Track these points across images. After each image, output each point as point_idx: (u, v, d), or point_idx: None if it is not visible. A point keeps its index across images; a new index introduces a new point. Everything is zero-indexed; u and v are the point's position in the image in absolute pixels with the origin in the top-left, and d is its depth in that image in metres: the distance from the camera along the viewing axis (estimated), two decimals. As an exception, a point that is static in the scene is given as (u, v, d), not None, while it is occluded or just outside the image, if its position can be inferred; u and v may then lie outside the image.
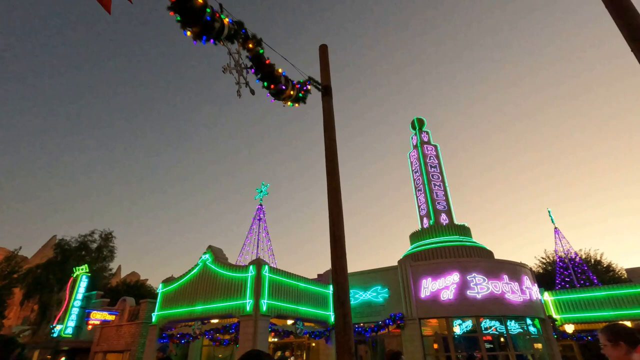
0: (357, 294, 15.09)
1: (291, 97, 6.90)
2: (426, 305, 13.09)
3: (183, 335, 13.82)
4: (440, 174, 18.09)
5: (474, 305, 12.54)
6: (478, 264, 13.29)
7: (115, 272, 41.61)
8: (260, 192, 21.47)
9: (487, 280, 12.70)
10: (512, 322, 12.72)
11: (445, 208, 16.99)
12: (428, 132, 19.91)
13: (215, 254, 13.63)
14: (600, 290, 15.76)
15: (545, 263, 27.79)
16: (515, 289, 12.83)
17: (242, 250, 20.19)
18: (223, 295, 12.46)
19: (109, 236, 30.67)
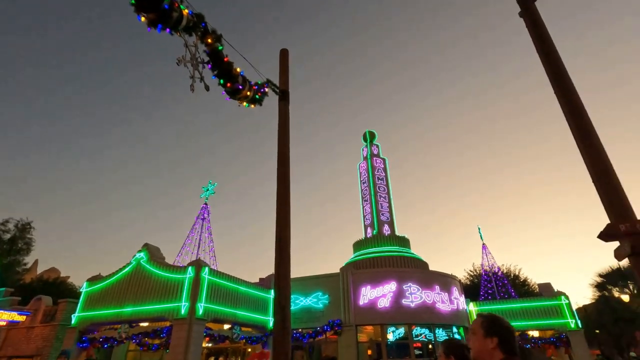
0: (298, 299, 15.12)
1: (247, 98, 6.83)
2: (364, 313, 13.51)
3: (107, 339, 12.75)
4: (386, 187, 18.92)
5: (407, 314, 13.21)
6: (414, 274, 14.06)
7: (31, 267, 37.14)
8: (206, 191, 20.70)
9: (421, 290, 13.49)
10: (440, 330, 13.62)
11: (389, 219, 17.78)
12: (378, 146, 20.75)
13: (152, 253, 12.85)
14: (516, 303, 17.52)
15: (473, 276, 30.18)
16: (445, 299, 13.77)
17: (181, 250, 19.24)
18: (156, 297, 11.75)
19: (27, 227, 27.43)
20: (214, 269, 13.39)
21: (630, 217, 4.63)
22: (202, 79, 5.90)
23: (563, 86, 5.88)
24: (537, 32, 6.56)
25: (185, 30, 5.63)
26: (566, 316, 16.48)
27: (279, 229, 6.49)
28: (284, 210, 6.70)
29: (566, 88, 5.80)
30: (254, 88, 6.89)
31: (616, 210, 4.72)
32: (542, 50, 6.40)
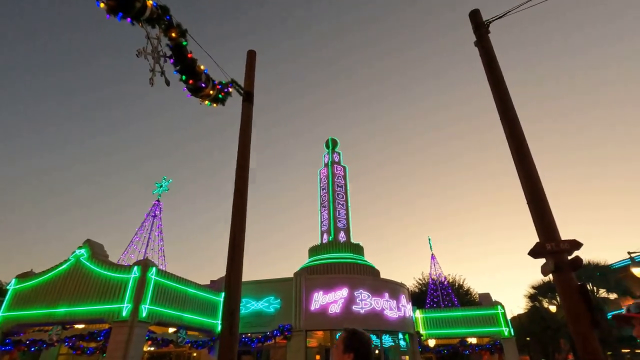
0: (249, 303, 14.89)
1: (210, 97, 6.71)
2: (314, 318, 13.62)
3: (35, 342, 11.69)
4: (345, 194, 19.31)
5: (357, 320, 13.51)
6: (365, 281, 14.43)
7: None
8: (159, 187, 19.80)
9: (372, 297, 13.88)
10: (387, 336, 14.08)
11: (345, 226, 18.13)
12: (340, 153, 21.13)
13: (93, 250, 12.03)
14: (458, 311, 18.59)
15: (421, 284, 31.50)
16: (393, 306, 14.27)
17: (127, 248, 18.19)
18: (96, 297, 11.01)
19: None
20: (162, 269, 12.82)
21: (556, 238, 5.13)
22: (163, 73, 5.72)
23: (507, 114, 6.41)
24: (489, 61, 7.11)
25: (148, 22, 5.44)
26: (501, 324, 17.76)
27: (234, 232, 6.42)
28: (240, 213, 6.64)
29: (510, 116, 6.33)
30: (217, 87, 6.78)
31: (545, 230, 5.22)
32: (491, 79, 6.94)
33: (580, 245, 4.96)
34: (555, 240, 5.06)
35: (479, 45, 7.41)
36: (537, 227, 5.36)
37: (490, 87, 6.94)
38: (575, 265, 4.93)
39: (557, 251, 4.99)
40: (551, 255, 4.99)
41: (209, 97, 6.65)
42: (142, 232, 18.56)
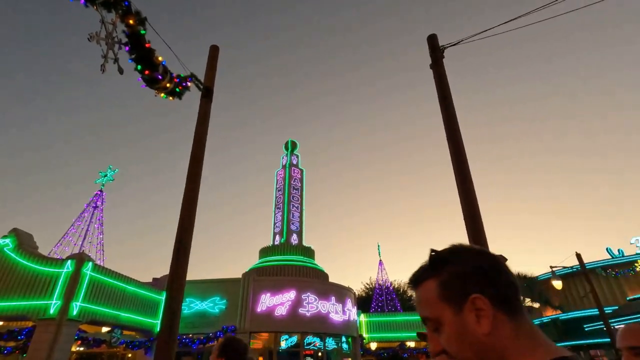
0: (194, 302, 14.43)
1: (166, 90, 6.50)
2: (260, 320, 13.53)
3: (-61, 340, 10.39)
4: (300, 197, 19.43)
5: (302, 322, 13.64)
6: (313, 284, 14.63)
7: None
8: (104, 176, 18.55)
9: (318, 300, 14.09)
10: (330, 339, 14.37)
11: (298, 229, 18.24)
12: (298, 156, 21.24)
13: (21, 240, 10.98)
14: (399, 316, 19.47)
15: (368, 288, 32.50)
16: (338, 310, 14.61)
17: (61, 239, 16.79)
18: (20, 293, 10.05)
19: None
20: (100, 264, 12.04)
21: (486, 252, 5.66)
22: (117, 60, 5.46)
23: (453, 135, 6.92)
24: (441, 83, 7.63)
25: (104, 5, 5.19)
26: (438, 329, 18.86)
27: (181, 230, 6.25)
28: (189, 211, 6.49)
29: (455, 137, 6.84)
30: (175, 80, 6.58)
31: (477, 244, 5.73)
32: (442, 100, 7.45)
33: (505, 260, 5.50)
34: (484, 254, 5.58)
35: (433, 68, 7.92)
36: (470, 239, 5.85)
37: (441, 108, 7.45)
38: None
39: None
40: (480, 268, 5.49)
41: (165, 90, 6.44)
42: (80, 224, 17.24)
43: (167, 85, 6.32)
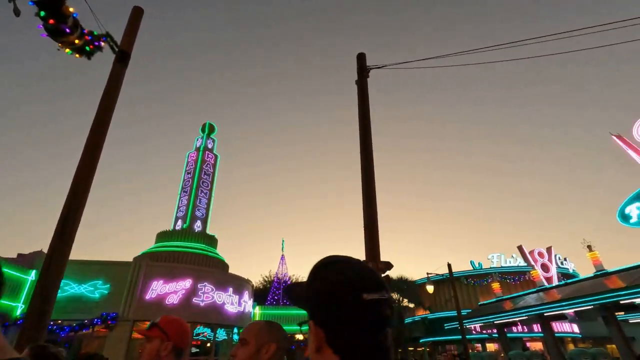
0: (69, 285, 12.76)
1: (74, 45, 5.74)
2: (148, 308, 12.65)
3: None
4: (211, 183, 18.67)
5: (195, 312, 13.20)
6: (212, 274, 14.28)
7: None
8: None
9: (215, 290, 13.81)
10: (222, 330, 14.21)
11: (204, 216, 17.51)
12: (214, 140, 20.35)
13: None
14: (293, 309, 20.22)
15: (267, 281, 32.85)
16: (235, 301, 14.53)
17: None
18: None
19: None
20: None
21: (378, 259, 6.37)
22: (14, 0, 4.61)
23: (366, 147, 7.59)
24: (362, 99, 8.27)
25: None
26: (326, 324, 20.16)
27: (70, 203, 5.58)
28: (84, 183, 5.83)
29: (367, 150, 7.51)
30: (86, 38, 5.83)
31: (371, 251, 6.40)
32: (361, 115, 8.08)
33: (391, 266, 6.28)
34: (376, 260, 6.28)
35: (358, 84, 8.55)
36: (367, 247, 6.52)
37: (359, 121, 8.08)
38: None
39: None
40: (370, 272, 6.17)
41: (72, 45, 5.65)
42: None
43: (76, 42, 5.56)
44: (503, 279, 33.08)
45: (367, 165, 7.32)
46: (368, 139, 7.74)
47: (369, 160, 7.40)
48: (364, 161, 7.38)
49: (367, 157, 7.44)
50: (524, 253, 23.33)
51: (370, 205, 6.80)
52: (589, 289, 15.88)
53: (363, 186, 7.04)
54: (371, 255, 6.32)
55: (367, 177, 7.15)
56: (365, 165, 7.29)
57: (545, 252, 23.16)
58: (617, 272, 16.44)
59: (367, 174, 7.21)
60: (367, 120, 7.99)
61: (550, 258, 23.02)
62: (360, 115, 8.11)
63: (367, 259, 6.29)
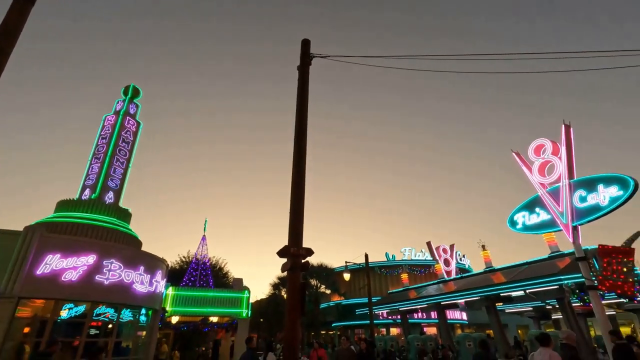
0: None
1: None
2: (39, 284, 11.16)
3: None
4: (130, 153, 16.97)
5: (97, 291, 12.04)
6: (121, 251, 13.12)
7: None
8: None
9: (123, 268, 12.73)
10: (127, 311, 13.22)
11: (117, 187, 15.88)
12: (138, 106, 18.49)
13: None
14: (209, 292, 19.74)
15: (184, 262, 31.38)
16: (145, 281, 13.58)
17: None
18: None
19: None
20: None
21: (300, 244, 6.48)
22: None
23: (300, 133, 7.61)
24: (302, 85, 8.23)
25: None
26: (243, 307, 20.07)
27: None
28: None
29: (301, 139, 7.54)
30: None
31: (294, 237, 6.49)
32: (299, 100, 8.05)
33: (312, 252, 6.46)
34: (298, 246, 6.40)
35: (300, 69, 8.48)
36: (291, 233, 6.60)
37: (297, 108, 8.04)
38: (305, 268, 6.38)
39: (297, 255, 6.32)
40: (291, 257, 6.28)
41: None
42: None
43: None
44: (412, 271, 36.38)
45: (300, 152, 7.35)
46: (303, 126, 7.76)
47: (301, 148, 7.44)
48: (297, 147, 7.40)
49: (300, 144, 7.47)
50: (431, 248, 25.84)
51: (298, 193, 6.87)
52: (478, 283, 18.31)
53: (293, 173, 7.08)
54: (294, 241, 6.42)
55: (298, 165, 7.19)
56: (298, 151, 7.32)
57: (448, 249, 25.94)
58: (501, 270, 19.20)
59: (299, 161, 7.25)
60: (305, 108, 7.99)
61: (452, 254, 25.86)
62: (299, 103, 8.07)
63: (289, 244, 6.37)
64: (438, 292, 21.12)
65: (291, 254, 6.23)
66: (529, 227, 12.51)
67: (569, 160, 11.52)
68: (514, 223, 12.96)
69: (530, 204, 12.51)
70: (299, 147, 7.49)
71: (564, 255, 15.06)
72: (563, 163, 11.59)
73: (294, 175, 7.16)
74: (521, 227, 12.72)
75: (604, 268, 9.94)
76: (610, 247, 10.16)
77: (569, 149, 11.61)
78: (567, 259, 14.30)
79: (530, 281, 14.45)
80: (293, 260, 6.19)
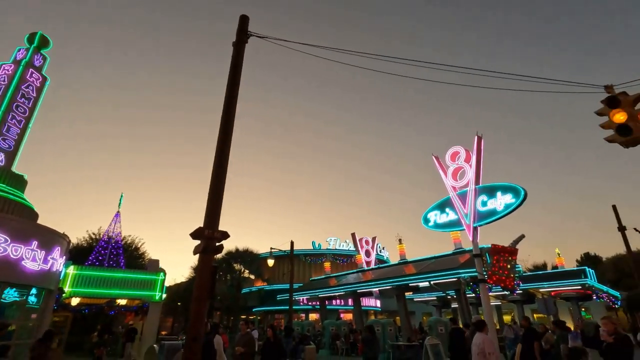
0: None
1: None
2: None
3: None
4: (30, 112, 14.64)
5: (-27, 266, 10.32)
6: (10, 222, 11.38)
7: None
8: None
9: (10, 242, 11.06)
10: (13, 290, 11.58)
11: (11, 149, 13.63)
12: (46, 59, 15.98)
13: None
14: (119, 272, 18.22)
15: (94, 239, 28.50)
16: (39, 257, 12.00)
17: None
18: None
19: None
20: None
21: (216, 227, 6.25)
22: None
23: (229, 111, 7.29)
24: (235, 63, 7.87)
25: None
26: (157, 289, 18.94)
27: None
28: None
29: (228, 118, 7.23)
30: None
31: (211, 219, 6.23)
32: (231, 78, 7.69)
33: (228, 236, 6.27)
34: (213, 229, 6.16)
35: (235, 46, 8.08)
36: (207, 214, 6.32)
37: (227, 86, 7.67)
38: (218, 251, 6.18)
39: (211, 237, 6.08)
40: (204, 240, 6.03)
41: None
42: None
43: None
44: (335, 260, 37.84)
45: (226, 130, 7.05)
46: (233, 105, 7.45)
47: (228, 125, 7.14)
48: (223, 125, 7.08)
49: (227, 122, 7.16)
50: (355, 239, 27.11)
51: (219, 174, 6.60)
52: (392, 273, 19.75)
53: (217, 152, 6.77)
54: (210, 223, 6.17)
55: (223, 143, 6.89)
56: (224, 130, 7.02)
57: (371, 241, 27.46)
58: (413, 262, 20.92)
59: (224, 140, 6.96)
60: (236, 87, 7.67)
61: (373, 246, 27.45)
62: (230, 81, 7.71)
63: (204, 226, 6.11)
64: (356, 281, 22.30)
65: (205, 236, 5.99)
66: (439, 225, 13.74)
67: (477, 168, 12.85)
68: (427, 221, 14.13)
69: (442, 205, 13.74)
70: (226, 125, 7.20)
71: (465, 252, 16.92)
72: (472, 170, 12.89)
73: (217, 155, 6.87)
74: (433, 225, 13.91)
75: (493, 264, 11.38)
76: (500, 246, 11.66)
77: (479, 158, 12.94)
78: (467, 255, 16.08)
79: (435, 274, 15.99)
80: (207, 242, 5.96)
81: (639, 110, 5.82)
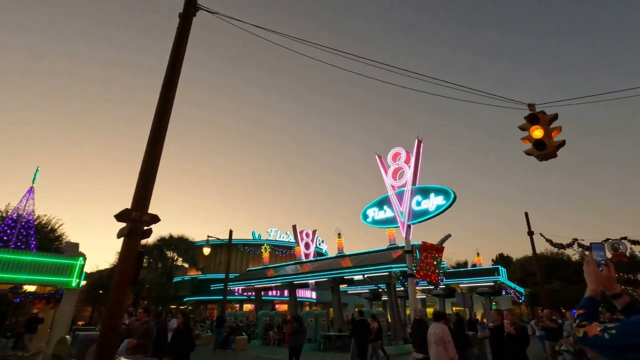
0: None
1: None
2: None
3: None
4: None
5: None
6: None
7: None
8: None
9: None
10: None
11: None
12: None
13: None
14: (29, 255, 16.16)
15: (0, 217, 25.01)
16: None
17: None
18: None
19: None
20: None
21: (145, 210, 5.79)
22: None
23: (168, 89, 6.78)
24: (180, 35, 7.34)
25: None
26: (73, 276, 17.17)
27: None
28: None
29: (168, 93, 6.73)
30: None
31: (139, 201, 5.76)
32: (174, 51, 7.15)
33: (158, 219, 5.86)
34: (142, 211, 5.71)
35: (181, 17, 7.52)
36: (136, 195, 5.82)
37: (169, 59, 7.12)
38: (145, 235, 5.74)
39: (138, 220, 5.62)
40: (132, 222, 5.56)
41: None
42: None
43: None
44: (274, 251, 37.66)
45: (165, 107, 6.56)
46: (174, 80, 6.95)
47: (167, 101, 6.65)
48: (162, 101, 6.58)
49: (166, 97, 6.66)
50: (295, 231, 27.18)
51: (153, 153, 6.12)
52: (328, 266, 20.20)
53: (152, 128, 6.27)
54: (139, 205, 5.70)
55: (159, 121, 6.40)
56: (162, 107, 6.51)
57: (311, 234, 27.74)
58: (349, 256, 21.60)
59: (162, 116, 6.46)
60: (179, 63, 7.16)
61: (313, 239, 27.77)
62: (173, 53, 7.17)
63: (132, 208, 5.63)
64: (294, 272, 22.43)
65: (132, 218, 5.52)
66: (377, 221, 14.31)
67: (415, 169, 13.58)
68: (366, 217, 14.63)
69: (381, 202, 14.32)
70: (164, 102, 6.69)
71: (398, 248, 17.88)
72: (411, 171, 13.60)
73: (153, 130, 6.37)
74: (371, 221, 14.45)
75: (421, 260, 12.17)
76: (429, 244, 12.50)
77: (417, 160, 13.68)
78: (399, 251, 16.99)
79: (368, 267, 16.67)
80: (133, 224, 5.50)
81: (554, 128, 6.55)
